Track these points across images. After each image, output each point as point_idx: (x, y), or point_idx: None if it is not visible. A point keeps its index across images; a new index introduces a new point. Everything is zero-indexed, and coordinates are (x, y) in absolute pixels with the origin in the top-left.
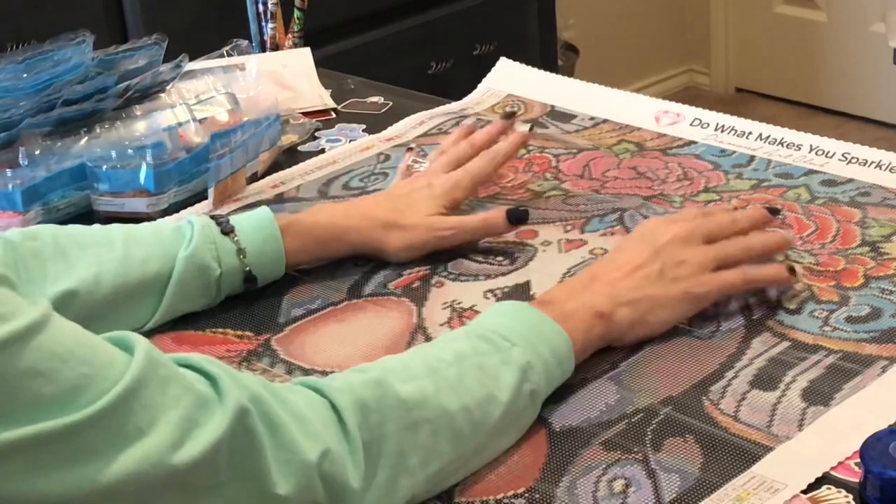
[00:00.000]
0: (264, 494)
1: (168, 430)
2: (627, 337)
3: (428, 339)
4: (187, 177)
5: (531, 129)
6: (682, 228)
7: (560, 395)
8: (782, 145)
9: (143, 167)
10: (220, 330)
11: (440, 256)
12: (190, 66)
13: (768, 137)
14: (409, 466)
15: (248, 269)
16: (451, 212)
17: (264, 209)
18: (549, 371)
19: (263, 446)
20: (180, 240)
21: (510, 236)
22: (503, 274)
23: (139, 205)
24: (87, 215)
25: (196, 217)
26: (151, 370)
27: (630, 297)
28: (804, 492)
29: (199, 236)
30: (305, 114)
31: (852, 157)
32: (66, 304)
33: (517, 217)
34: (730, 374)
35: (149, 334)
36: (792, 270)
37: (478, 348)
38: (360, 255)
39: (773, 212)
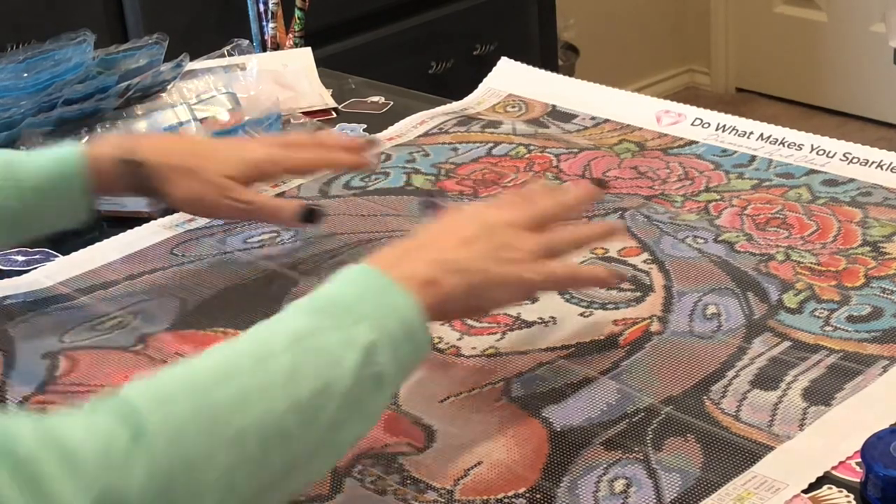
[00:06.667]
0: None
1: None
2: (456, 309)
3: None
4: None
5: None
6: (511, 214)
7: (561, 394)
8: (783, 145)
9: None
10: (221, 329)
11: None
12: (191, 65)
13: (769, 137)
14: (237, 486)
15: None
16: (248, 184)
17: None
18: (397, 348)
19: None
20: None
21: None
22: None
23: (140, 204)
24: None
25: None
26: None
27: (462, 267)
28: (805, 491)
29: None
30: (306, 113)
31: (853, 157)
32: None
33: (307, 216)
34: (731, 374)
35: (150, 334)
36: (621, 276)
37: (317, 325)
38: (144, 194)
39: (600, 183)
